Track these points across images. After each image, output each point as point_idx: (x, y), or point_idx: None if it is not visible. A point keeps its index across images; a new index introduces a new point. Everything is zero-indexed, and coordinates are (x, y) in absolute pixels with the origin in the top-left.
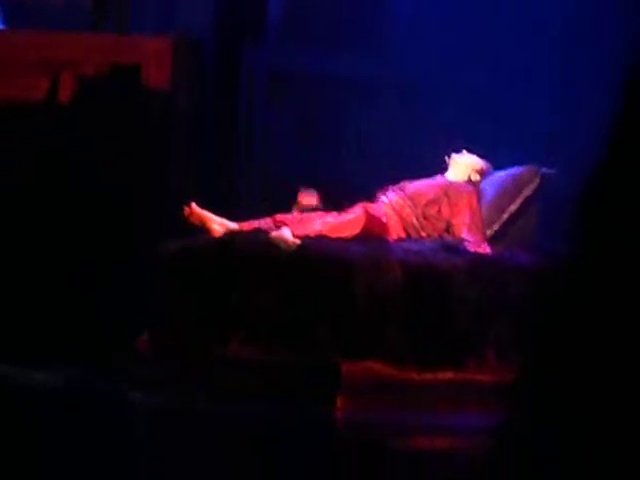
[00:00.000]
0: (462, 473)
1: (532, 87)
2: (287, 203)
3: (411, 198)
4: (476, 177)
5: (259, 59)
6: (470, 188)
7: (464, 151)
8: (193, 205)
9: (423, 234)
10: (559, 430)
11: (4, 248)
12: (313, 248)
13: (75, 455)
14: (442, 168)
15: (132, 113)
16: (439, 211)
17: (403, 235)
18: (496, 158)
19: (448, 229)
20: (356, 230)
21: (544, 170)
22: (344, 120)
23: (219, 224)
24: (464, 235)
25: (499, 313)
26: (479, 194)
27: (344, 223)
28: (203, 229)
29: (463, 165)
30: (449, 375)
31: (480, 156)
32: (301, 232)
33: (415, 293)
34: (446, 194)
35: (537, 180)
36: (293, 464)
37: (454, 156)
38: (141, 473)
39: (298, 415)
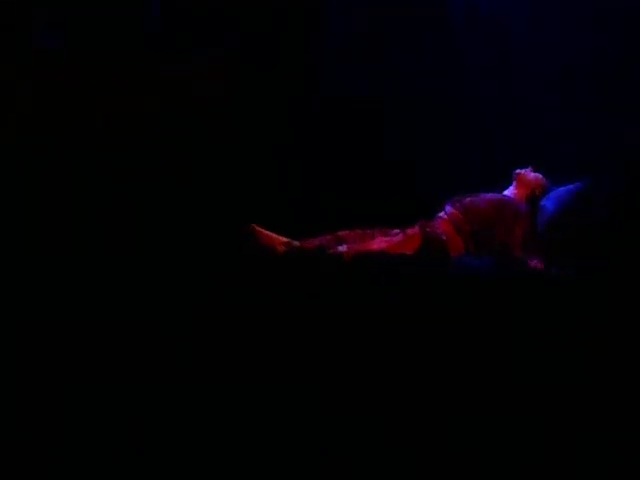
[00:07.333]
0: None
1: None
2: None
3: (467, 213)
4: (539, 193)
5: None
6: (526, 209)
7: (529, 167)
8: (254, 226)
9: (481, 250)
10: None
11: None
12: (370, 263)
13: None
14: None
15: None
16: (493, 229)
17: (462, 251)
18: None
19: (504, 248)
20: (411, 249)
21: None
22: (409, 138)
23: (282, 243)
24: (519, 255)
25: (564, 326)
26: (537, 213)
27: (400, 242)
28: (266, 248)
29: (526, 181)
30: None
31: (542, 173)
32: (360, 248)
33: (473, 310)
34: (501, 214)
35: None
36: None
37: (518, 171)
38: None
39: None
